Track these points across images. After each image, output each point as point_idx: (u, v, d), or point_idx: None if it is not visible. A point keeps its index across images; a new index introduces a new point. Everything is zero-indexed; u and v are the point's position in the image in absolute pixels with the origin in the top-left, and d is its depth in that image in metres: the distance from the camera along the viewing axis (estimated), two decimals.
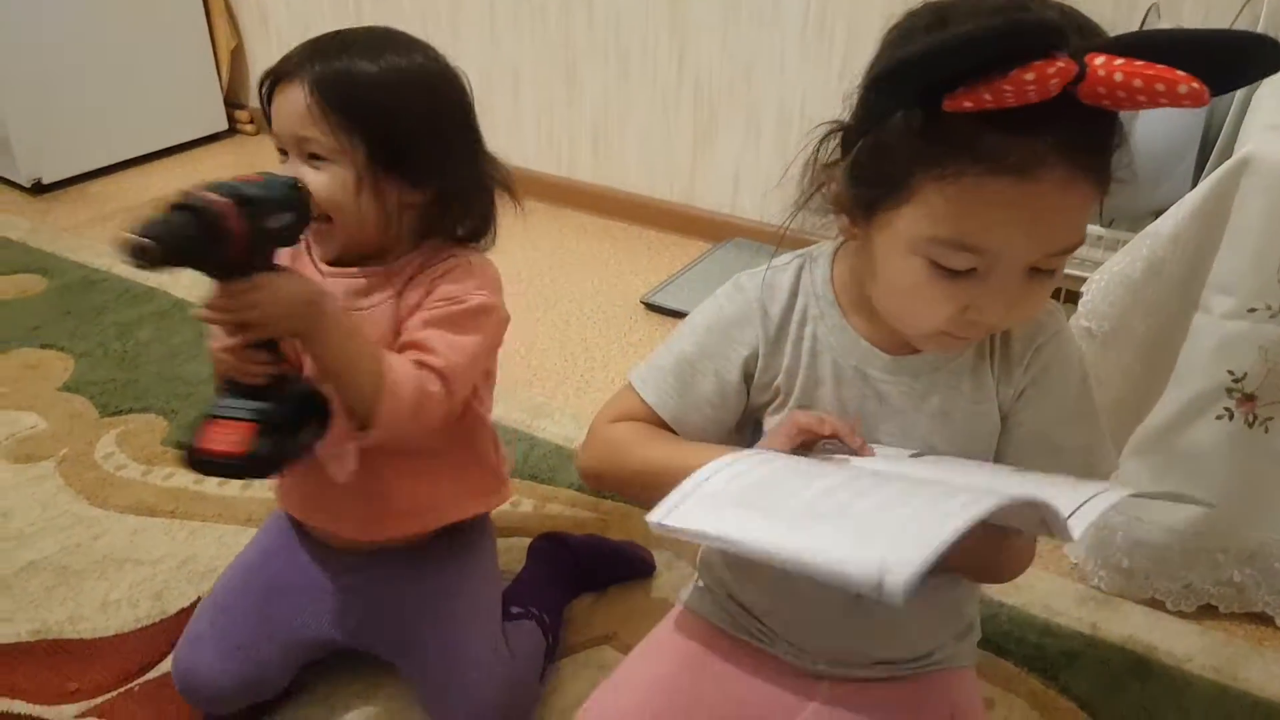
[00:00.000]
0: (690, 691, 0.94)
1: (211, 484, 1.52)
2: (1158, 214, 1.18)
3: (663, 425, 0.89)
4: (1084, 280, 1.26)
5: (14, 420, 1.69)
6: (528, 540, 1.34)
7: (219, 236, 0.81)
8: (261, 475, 0.95)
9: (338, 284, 1.03)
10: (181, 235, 0.79)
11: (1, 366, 1.86)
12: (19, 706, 1.16)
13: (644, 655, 1.00)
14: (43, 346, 1.92)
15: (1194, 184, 1.24)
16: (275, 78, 1.00)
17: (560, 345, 1.96)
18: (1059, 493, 0.64)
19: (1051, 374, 0.83)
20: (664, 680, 0.95)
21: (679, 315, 2.03)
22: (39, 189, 2.68)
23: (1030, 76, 0.60)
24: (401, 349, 0.99)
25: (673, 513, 0.70)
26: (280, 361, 0.92)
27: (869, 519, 0.64)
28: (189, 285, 2.07)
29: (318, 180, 0.97)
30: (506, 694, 1.08)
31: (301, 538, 1.15)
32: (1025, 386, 0.84)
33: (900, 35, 0.71)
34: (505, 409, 1.71)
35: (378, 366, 0.93)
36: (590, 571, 1.31)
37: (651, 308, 2.09)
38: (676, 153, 2.41)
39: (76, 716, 1.14)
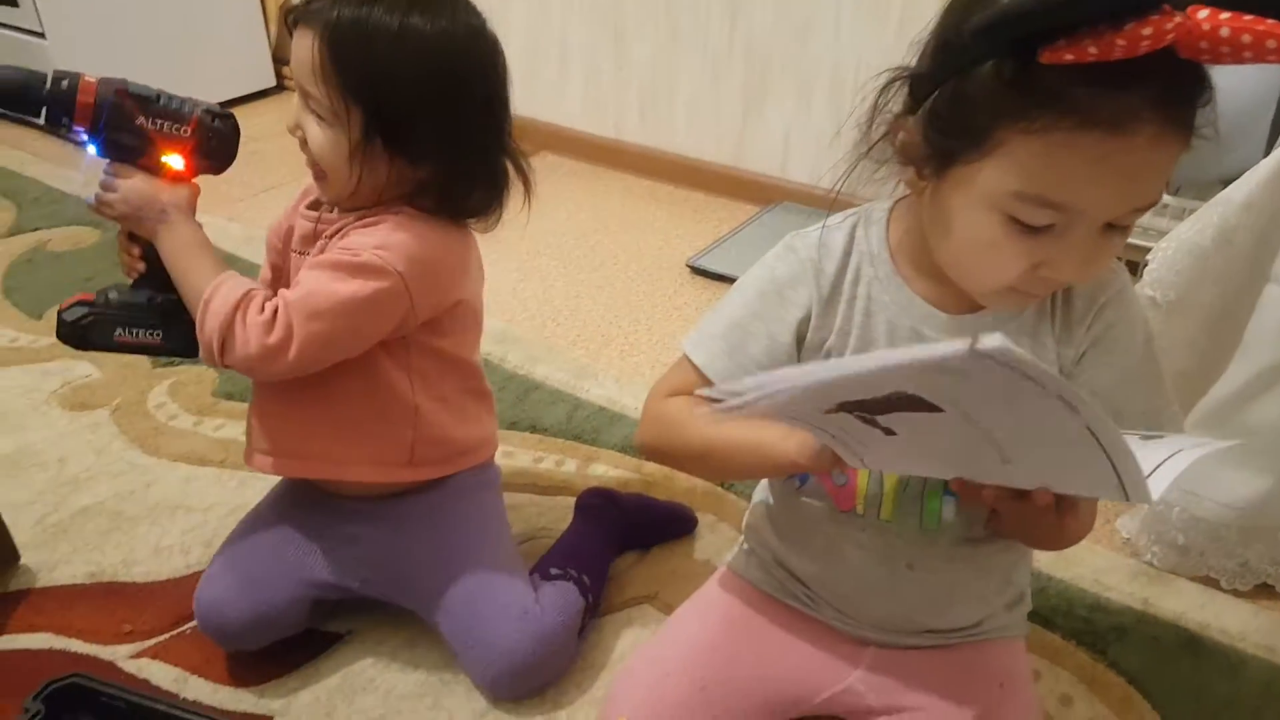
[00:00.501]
0: (733, 653, 0.95)
1: None
2: (1227, 182, 1.14)
3: (702, 378, 0.87)
4: (1148, 250, 1.23)
5: (69, 369, 1.71)
6: (571, 500, 1.34)
7: (59, 95, 0.97)
8: (66, 341, 1.06)
9: (301, 226, 1.06)
10: (14, 76, 0.97)
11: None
12: (76, 645, 1.18)
13: (687, 616, 1.01)
14: None
15: (1268, 150, 1.20)
16: (297, 17, 0.97)
17: (605, 307, 1.96)
18: (1134, 450, 0.61)
19: (1114, 334, 0.82)
20: (707, 641, 0.96)
21: (725, 279, 2.02)
22: None
23: (1148, 31, 0.58)
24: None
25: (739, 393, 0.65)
26: (153, 263, 1.04)
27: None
28: (239, 240, 2.09)
29: (316, 136, 0.97)
30: (535, 649, 1.08)
31: (310, 484, 1.17)
32: (1087, 347, 0.82)
33: None
34: (549, 369, 1.71)
35: (204, 285, 0.99)
36: (637, 529, 1.31)
37: (697, 271, 2.08)
38: (726, 115, 2.38)
39: (130, 656, 1.17)
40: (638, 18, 2.40)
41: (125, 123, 0.99)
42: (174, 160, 1.02)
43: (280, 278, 1.10)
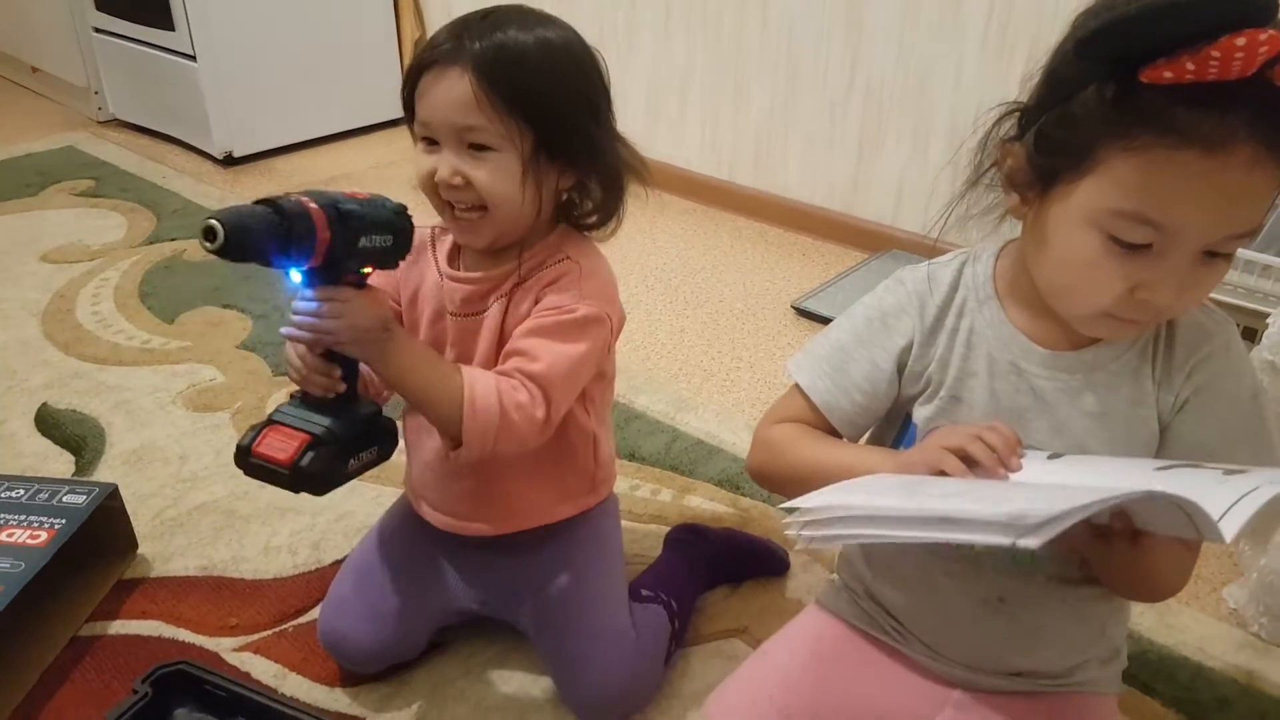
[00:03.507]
0: (821, 684, 0.94)
1: None
2: None
3: (816, 414, 0.90)
4: (1267, 315, 1.20)
5: (195, 372, 1.80)
6: (665, 528, 1.36)
7: (299, 237, 0.81)
8: (304, 490, 0.92)
9: (455, 290, 1.04)
10: (255, 227, 0.78)
11: (188, 322, 1.99)
12: (184, 635, 1.23)
13: (775, 648, 1.01)
14: (224, 306, 2.04)
15: None
16: (425, 65, 0.96)
17: (708, 343, 1.98)
18: (1207, 489, 0.61)
19: (1217, 386, 0.80)
20: (795, 671, 0.96)
21: (829, 322, 2.00)
22: (229, 161, 2.86)
23: (1242, 42, 0.59)
24: (506, 356, 0.99)
25: (805, 500, 0.72)
26: (351, 380, 0.93)
27: (1006, 495, 0.65)
28: None
29: (481, 172, 0.95)
30: (630, 676, 1.10)
31: None
32: (1188, 397, 0.81)
33: (1092, 16, 0.70)
34: (650, 400, 1.73)
35: (456, 387, 0.93)
36: (726, 565, 1.31)
37: (802, 313, 2.08)
38: (840, 161, 2.39)
39: (234, 649, 1.21)
40: (759, 62, 2.43)
41: (352, 248, 0.86)
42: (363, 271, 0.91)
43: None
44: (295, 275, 0.85)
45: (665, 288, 2.20)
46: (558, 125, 0.97)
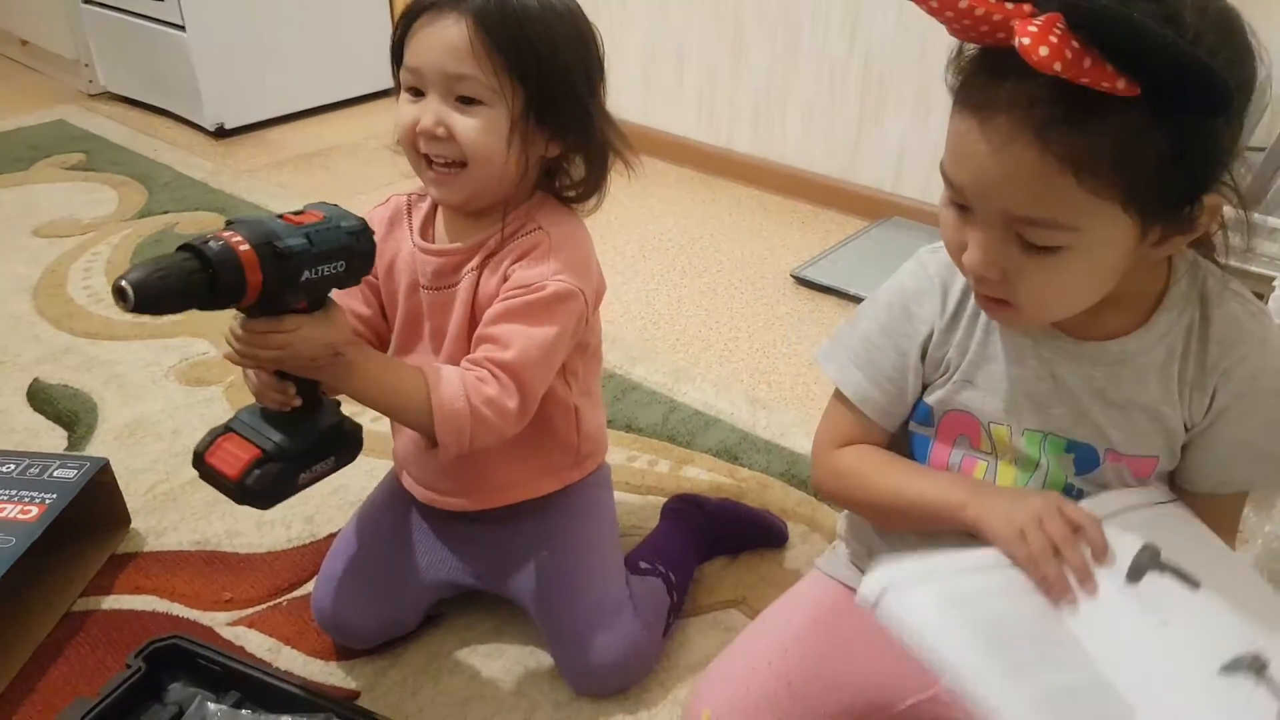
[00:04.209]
0: (821, 650, 0.94)
1: (366, 417, 1.56)
2: None
3: (866, 422, 0.89)
4: (1273, 278, 1.19)
5: (187, 346, 1.78)
6: (662, 499, 1.34)
7: (226, 284, 0.76)
8: (249, 504, 0.89)
9: (427, 262, 1.02)
10: (169, 284, 0.73)
11: None
12: (178, 609, 1.23)
13: (775, 613, 1.00)
14: None
15: None
16: (421, 8, 0.93)
17: (706, 312, 1.96)
18: None
19: (1260, 385, 0.79)
20: (794, 637, 0.95)
21: (829, 290, 2.00)
22: (221, 133, 2.83)
23: (964, 5, 0.62)
24: (477, 342, 0.97)
25: (896, 593, 0.72)
26: (308, 394, 0.89)
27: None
28: None
29: (467, 124, 0.93)
30: (628, 647, 1.09)
31: None
32: (1228, 402, 0.79)
33: None
34: (647, 370, 1.71)
35: (421, 395, 0.91)
36: (723, 536, 1.30)
37: (801, 282, 2.06)
38: (840, 128, 2.36)
39: (228, 623, 1.21)
40: (757, 27, 2.40)
41: (292, 285, 0.81)
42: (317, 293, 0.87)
43: (392, 313, 1.08)
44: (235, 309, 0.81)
45: (662, 257, 2.18)
46: (551, 88, 0.94)
